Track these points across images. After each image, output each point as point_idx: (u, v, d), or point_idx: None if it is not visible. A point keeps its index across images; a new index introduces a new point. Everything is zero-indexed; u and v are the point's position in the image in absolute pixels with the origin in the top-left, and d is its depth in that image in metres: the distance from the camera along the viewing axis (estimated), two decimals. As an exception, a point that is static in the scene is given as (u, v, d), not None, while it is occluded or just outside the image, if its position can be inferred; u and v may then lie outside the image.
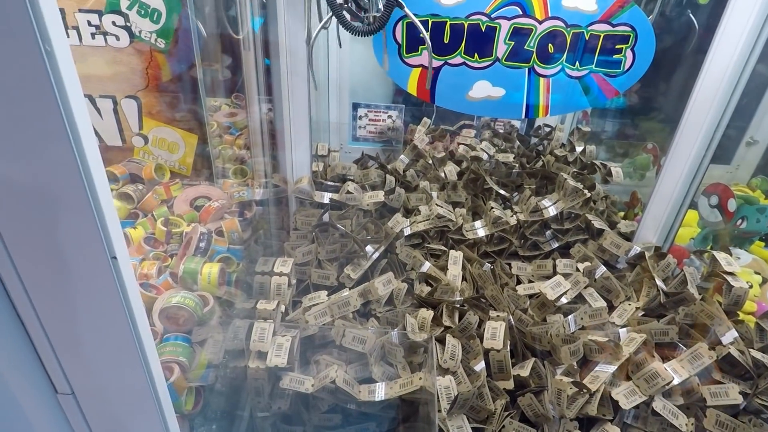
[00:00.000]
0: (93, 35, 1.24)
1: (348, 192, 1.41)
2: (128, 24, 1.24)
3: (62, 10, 1.20)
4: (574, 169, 1.69)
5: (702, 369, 1.03)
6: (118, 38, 1.26)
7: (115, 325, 0.49)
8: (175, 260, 1.17)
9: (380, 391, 1.00)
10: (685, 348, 1.10)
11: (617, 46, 1.32)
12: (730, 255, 1.31)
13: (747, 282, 1.22)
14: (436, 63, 1.33)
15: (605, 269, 1.31)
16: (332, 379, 0.97)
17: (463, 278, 1.31)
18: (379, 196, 1.43)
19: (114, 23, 1.23)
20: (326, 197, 1.40)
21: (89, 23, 1.22)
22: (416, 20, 1.17)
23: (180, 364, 0.92)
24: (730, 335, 1.11)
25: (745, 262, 1.62)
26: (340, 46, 1.33)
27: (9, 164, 0.41)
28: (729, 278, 1.20)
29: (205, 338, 1.03)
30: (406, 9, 1.15)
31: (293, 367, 1.03)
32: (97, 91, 1.32)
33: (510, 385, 1.06)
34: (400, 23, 1.27)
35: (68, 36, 1.23)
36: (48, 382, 0.52)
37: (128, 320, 0.49)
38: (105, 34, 1.24)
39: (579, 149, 1.85)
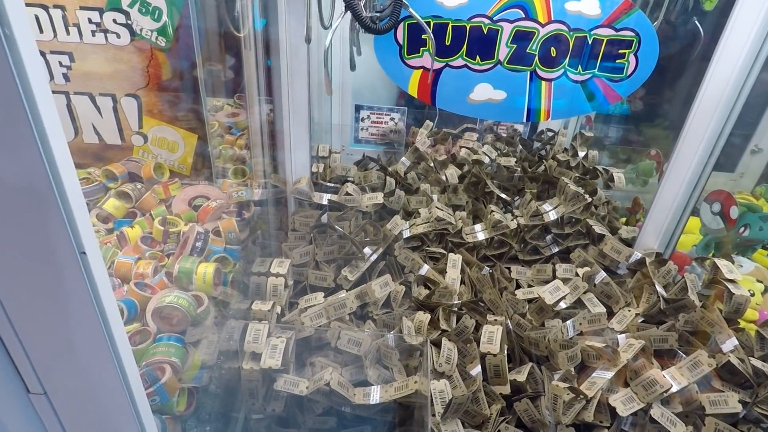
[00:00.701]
0: (93, 33, 1.24)
1: (347, 193, 1.40)
2: (129, 22, 1.24)
3: (63, 7, 1.21)
4: (576, 174, 1.68)
5: (701, 377, 1.02)
6: (118, 36, 1.26)
7: (85, 322, 0.48)
8: (172, 260, 1.17)
9: (375, 395, 0.99)
10: (684, 355, 1.08)
11: (620, 51, 1.31)
12: (732, 263, 1.29)
13: (749, 290, 1.21)
14: (437, 65, 1.32)
15: (605, 275, 1.30)
16: (327, 381, 0.96)
17: (462, 281, 1.30)
18: (378, 197, 1.42)
19: (115, 21, 1.24)
20: (325, 198, 1.40)
21: (90, 20, 1.23)
22: (421, 20, 1.17)
23: (172, 364, 0.92)
24: (730, 343, 1.10)
25: (747, 270, 1.60)
26: (359, 54, 1.33)
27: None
28: (730, 286, 1.19)
29: (199, 339, 1.02)
30: (410, 9, 1.15)
31: (288, 369, 1.02)
32: (97, 89, 1.32)
33: (506, 389, 1.04)
34: (401, 24, 1.26)
35: (69, 33, 1.23)
36: (20, 381, 0.52)
37: (99, 317, 0.48)
38: (106, 31, 1.24)
39: (581, 154, 1.84)
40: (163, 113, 1.40)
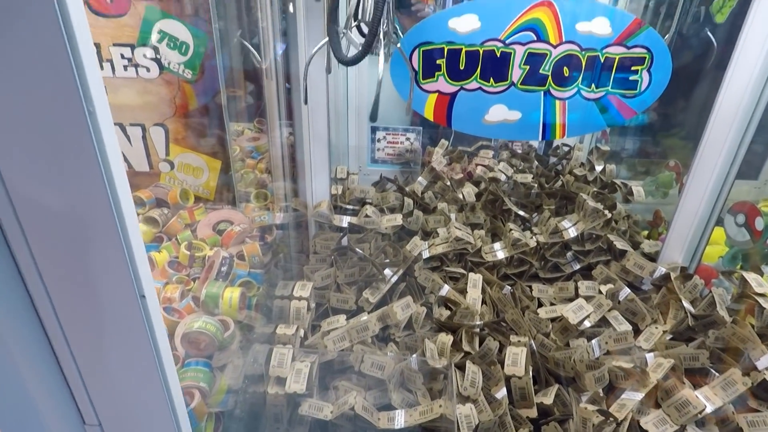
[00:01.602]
0: (125, 67, 1.30)
1: (366, 215, 1.42)
2: (158, 56, 1.30)
3: (97, 45, 1.27)
4: (594, 189, 1.68)
5: (736, 396, 0.99)
6: (148, 70, 1.32)
7: (142, 360, 0.51)
8: (198, 284, 1.19)
9: (400, 419, 0.99)
10: (717, 374, 1.06)
11: (633, 68, 1.32)
12: (762, 275, 1.26)
13: (780, 304, 1.17)
14: (452, 88, 1.34)
15: (629, 291, 1.28)
16: (351, 405, 0.97)
17: (483, 301, 1.30)
18: (398, 219, 1.44)
19: (145, 56, 1.30)
20: (345, 221, 1.42)
21: (122, 56, 1.29)
22: (405, 55, 1.18)
23: (201, 389, 0.93)
24: (765, 360, 1.06)
25: (777, 283, 1.56)
26: (329, 72, 1.32)
27: (49, 204, 0.43)
28: (760, 300, 1.16)
29: (225, 363, 1.04)
30: (399, 47, 1.16)
31: (312, 393, 1.03)
32: (128, 119, 1.38)
33: (533, 413, 1.03)
34: (416, 51, 1.30)
35: (102, 68, 1.29)
36: (77, 413, 0.54)
37: (154, 356, 0.51)
38: (136, 66, 1.30)
39: (599, 168, 1.83)
40: (188, 140, 1.45)
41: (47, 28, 0.38)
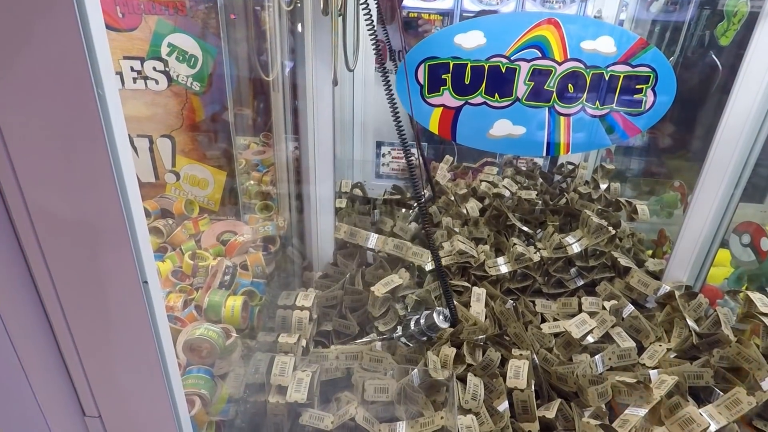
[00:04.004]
0: (135, 80, 1.33)
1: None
2: (167, 69, 1.33)
3: (108, 58, 1.30)
4: (599, 207, 1.68)
5: (740, 415, 0.98)
6: (157, 82, 1.34)
7: (144, 348, 0.51)
8: (201, 293, 1.20)
9: (401, 430, 0.98)
10: (721, 393, 1.04)
11: (638, 86, 1.33)
12: (767, 296, 1.26)
13: (786, 324, 1.16)
14: (457, 102, 1.36)
15: (633, 308, 1.28)
16: (352, 416, 0.96)
17: (486, 315, 1.29)
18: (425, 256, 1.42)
19: (154, 68, 1.32)
20: (372, 240, 1.41)
21: (132, 68, 1.32)
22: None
23: (201, 396, 0.93)
24: (770, 381, 1.05)
25: (783, 304, 1.54)
26: (335, 84, 1.35)
27: (59, 198, 0.44)
28: (766, 320, 1.15)
29: (226, 372, 1.03)
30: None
31: (313, 403, 1.02)
32: (135, 131, 1.40)
33: (535, 427, 1.02)
34: (422, 65, 1.32)
35: (112, 81, 1.32)
36: (77, 404, 0.54)
37: (156, 344, 0.51)
38: (146, 78, 1.33)
39: (603, 186, 1.84)
40: (194, 152, 1.47)
41: (67, 41, 0.39)
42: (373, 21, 1.03)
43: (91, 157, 0.43)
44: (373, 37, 1.07)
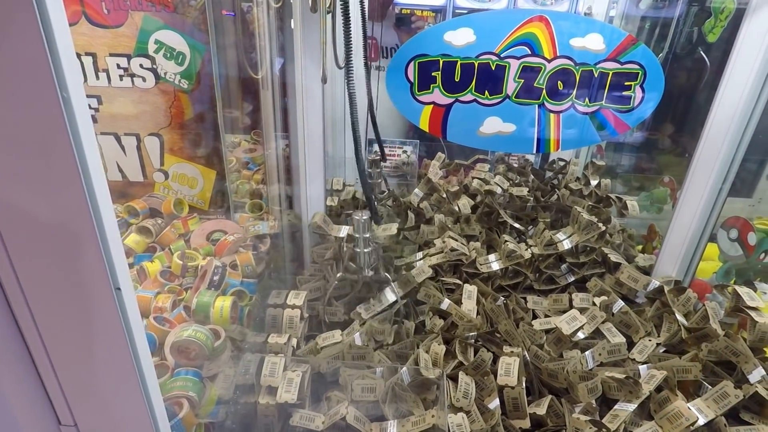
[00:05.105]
0: (121, 77, 1.31)
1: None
2: (154, 66, 1.31)
3: (94, 55, 1.28)
4: (589, 203, 1.68)
5: (729, 408, 0.99)
6: (144, 80, 1.33)
7: (118, 356, 0.50)
8: (190, 293, 1.19)
9: (392, 429, 0.98)
10: (709, 386, 1.05)
11: (627, 83, 1.34)
12: (755, 290, 1.27)
13: (773, 318, 1.17)
14: (447, 100, 1.36)
15: (623, 303, 1.28)
16: (343, 416, 0.96)
17: (477, 312, 1.30)
18: (393, 228, 1.43)
19: (141, 66, 1.31)
20: (344, 231, 1.41)
21: (118, 66, 1.30)
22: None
23: (190, 399, 0.92)
24: (757, 373, 1.06)
25: (771, 298, 1.56)
26: (324, 81, 1.35)
27: (30, 201, 0.43)
28: (753, 314, 1.16)
29: (215, 373, 1.02)
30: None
31: (304, 403, 1.02)
32: (123, 129, 1.39)
33: (526, 423, 1.02)
34: (412, 63, 1.31)
35: (98, 78, 1.30)
36: (52, 413, 0.53)
37: (131, 352, 0.50)
38: (132, 76, 1.31)
39: (594, 183, 1.84)
40: (183, 150, 1.45)
41: (27, 43, 0.38)
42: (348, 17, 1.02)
43: (57, 161, 0.42)
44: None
